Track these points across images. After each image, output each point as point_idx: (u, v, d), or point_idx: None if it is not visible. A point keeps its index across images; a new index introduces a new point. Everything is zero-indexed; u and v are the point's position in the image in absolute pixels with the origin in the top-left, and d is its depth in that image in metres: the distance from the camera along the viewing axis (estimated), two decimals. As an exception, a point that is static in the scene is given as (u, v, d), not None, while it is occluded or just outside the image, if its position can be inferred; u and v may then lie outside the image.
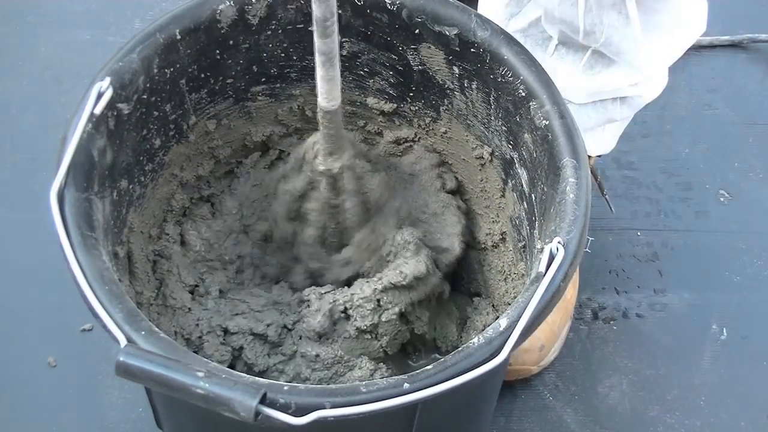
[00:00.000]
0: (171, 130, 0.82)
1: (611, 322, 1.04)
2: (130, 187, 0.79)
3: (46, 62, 1.22)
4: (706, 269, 1.09)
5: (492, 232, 0.90)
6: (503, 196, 0.85)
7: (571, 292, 1.01)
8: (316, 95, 0.87)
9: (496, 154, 0.83)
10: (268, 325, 0.84)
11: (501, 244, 0.89)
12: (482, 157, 0.85)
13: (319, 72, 0.74)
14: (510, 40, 0.77)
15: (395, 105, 0.88)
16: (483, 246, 0.92)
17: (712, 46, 1.27)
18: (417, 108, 0.87)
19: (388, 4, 0.79)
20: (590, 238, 1.09)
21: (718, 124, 1.22)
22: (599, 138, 0.97)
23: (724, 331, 1.04)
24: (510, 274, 0.87)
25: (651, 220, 1.13)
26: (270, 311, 0.86)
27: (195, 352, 0.84)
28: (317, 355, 0.82)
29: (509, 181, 0.82)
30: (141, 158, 0.80)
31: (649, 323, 1.04)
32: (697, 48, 0.90)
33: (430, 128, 0.88)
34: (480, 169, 0.87)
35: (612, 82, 0.89)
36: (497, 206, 0.87)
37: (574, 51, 0.89)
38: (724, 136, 1.21)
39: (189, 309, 0.86)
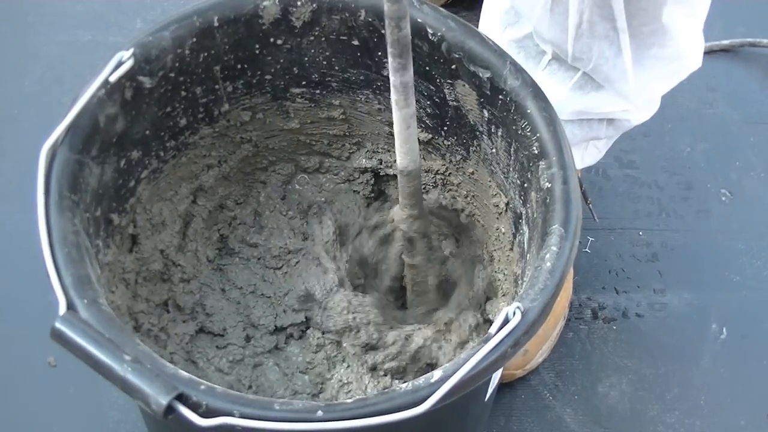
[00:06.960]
0: (200, 113, 0.83)
1: (611, 322, 1.04)
2: (145, 159, 0.79)
3: (47, 63, 1.23)
4: (706, 269, 1.08)
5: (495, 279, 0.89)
6: (511, 249, 0.83)
7: (562, 294, 1.00)
8: (356, 108, 0.87)
9: (511, 206, 0.81)
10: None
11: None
12: (498, 206, 0.83)
13: (398, 129, 0.73)
14: (537, 94, 0.74)
15: (430, 135, 0.87)
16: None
17: (711, 51, 1.26)
18: (450, 143, 0.86)
19: (429, 34, 0.77)
20: (590, 238, 1.09)
21: (720, 123, 1.21)
22: (583, 153, 0.95)
23: (724, 330, 1.04)
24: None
25: (653, 220, 1.12)
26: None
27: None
28: None
29: (517, 236, 0.81)
30: (162, 134, 0.80)
31: (649, 323, 1.04)
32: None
33: (460, 166, 0.87)
34: (497, 218, 0.85)
35: (600, 105, 0.88)
36: (506, 258, 0.86)
37: (565, 69, 0.87)
38: (726, 135, 1.20)
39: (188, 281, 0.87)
